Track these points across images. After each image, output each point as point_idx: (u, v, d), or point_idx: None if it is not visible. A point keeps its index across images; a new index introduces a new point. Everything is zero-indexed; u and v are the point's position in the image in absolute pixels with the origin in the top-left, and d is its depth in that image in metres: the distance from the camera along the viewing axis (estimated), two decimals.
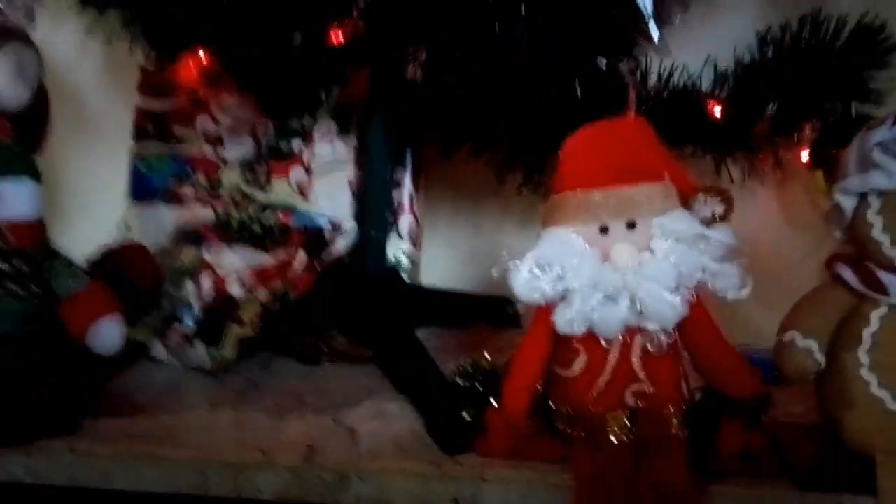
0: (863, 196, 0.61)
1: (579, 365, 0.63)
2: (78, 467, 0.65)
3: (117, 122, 1.01)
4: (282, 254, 0.90)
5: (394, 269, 0.96)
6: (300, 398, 0.76)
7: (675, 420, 0.62)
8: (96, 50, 1.01)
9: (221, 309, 0.82)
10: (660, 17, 0.73)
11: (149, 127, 0.98)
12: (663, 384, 0.63)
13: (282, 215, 0.95)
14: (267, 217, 0.94)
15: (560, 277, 0.61)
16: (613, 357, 0.62)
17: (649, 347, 0.62)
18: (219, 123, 0.97)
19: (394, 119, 0.90)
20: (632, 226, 0.62)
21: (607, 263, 0.62)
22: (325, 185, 0.96)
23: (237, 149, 0.97)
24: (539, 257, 0.62)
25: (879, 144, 0.60)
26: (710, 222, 0.62)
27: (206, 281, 0.84)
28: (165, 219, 0.96)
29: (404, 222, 0.98)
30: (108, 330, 0.69)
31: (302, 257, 0.88)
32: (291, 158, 0.96)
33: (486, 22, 0.70)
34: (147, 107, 0.98)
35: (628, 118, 0.70)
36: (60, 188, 1.05)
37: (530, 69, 0.73)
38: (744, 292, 0.61)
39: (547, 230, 0.64)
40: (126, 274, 0.78)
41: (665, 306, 0.61)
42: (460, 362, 0.70)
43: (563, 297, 0.62)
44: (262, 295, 0.84)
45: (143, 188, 0.98)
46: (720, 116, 0.85)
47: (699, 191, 0.63)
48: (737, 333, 0.66)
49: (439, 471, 0.63)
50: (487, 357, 0.70)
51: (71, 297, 0.70)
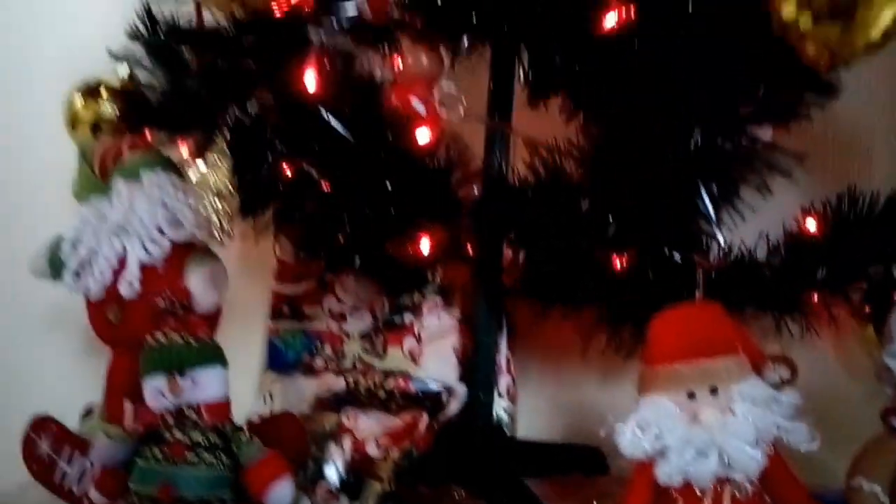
0: None
1: None
2: None
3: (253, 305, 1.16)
4: (407, 416, 1.01)
5: (500, 426, 1.07)
6: None
7: None
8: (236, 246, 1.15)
9: (361, 467, 0.93)
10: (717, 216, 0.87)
11: (284, 308, 1.13)
12: None
13: (401, 381, 1.06)
14: (388, 383, 1.06)
15: (658, 437, 0.73)
16: None
17: (737, 495, 0.73)
18: (342, 302, 1.11)
19: (494, 294, 1.03)
20: (714, 391, 0.74)
21: (696, 424, 0.73)
22: (433, 352, 1.08)
23: (358, 323, 1.11)
24: (639, 420, 0.74)
25: None
26: (779, 386, 0.74)
27: (346, 443, 0.95)
28: (303, 389, 1.08)
29: (503, 382, 1.09)
30: (283, 489, 0.79)
31: (425, 419, 0.99)
32: (404, 329, 1.10)
33: (583, 230, 0.86)
34: (281, 291, 1.13)
35: (699, 298, 0.83)
36: None
37: (613, 263, 0.88)
38: (814, 445, 0.72)
39: (643, 397, 0.76)
40: (282, 440, 0.87)
41: (748, 459, 0.72)
42: None
43: (661, 453, 0.73)
44: (394, 454, 0.95)
45: (279, 361, 1.12)
46: (773, 282, 0.94)
47: (768, 359, 0.75)
48: (807, 474, 0.76)
49: None
50: None
51: (253, 465, 0.79)
